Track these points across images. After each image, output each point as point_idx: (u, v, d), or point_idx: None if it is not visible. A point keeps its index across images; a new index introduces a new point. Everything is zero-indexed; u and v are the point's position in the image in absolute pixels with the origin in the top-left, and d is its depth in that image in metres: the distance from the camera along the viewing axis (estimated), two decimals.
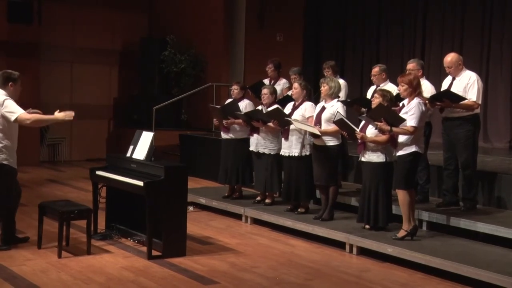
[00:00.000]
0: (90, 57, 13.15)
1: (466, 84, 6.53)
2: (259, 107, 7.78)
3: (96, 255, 5.93)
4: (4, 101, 5.84)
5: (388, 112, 6.10)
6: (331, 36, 13.00)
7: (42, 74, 12.46)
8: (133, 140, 6.50)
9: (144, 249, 5.94)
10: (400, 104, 6.27)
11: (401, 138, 6.05)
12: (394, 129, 6.00)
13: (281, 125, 7.26)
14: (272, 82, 8.59)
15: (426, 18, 11.39)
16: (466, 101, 6.45)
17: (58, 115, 5.98)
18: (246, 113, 7.70)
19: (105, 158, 7.41)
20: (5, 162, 5.88)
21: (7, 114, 5.82)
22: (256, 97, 8.30)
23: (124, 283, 5.15)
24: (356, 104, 7.35)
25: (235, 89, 8.10)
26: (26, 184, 9.70)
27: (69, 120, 6.02)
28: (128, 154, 6.44)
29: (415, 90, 6.06)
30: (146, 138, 6.37)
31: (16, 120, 5.83)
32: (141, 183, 5.82)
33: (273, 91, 7.71)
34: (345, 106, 7.15)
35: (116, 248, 6.19)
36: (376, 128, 6.15)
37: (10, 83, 5.98)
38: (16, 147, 6.05)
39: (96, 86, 13.30)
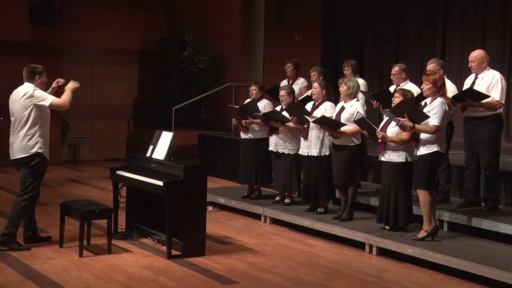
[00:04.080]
0: (110, 57, 13.25)
1: (490, 83, 6.44)
2: (278, 108, 7.76)
3: (117, 254, 5.97)
4: (34, 91, 6.02)
5: (412, 108, 6.03)
6: (350, 36, 12.94)
7: (63, 75, 12.49)
8: (153, 140, 6.53)
9: (164, 248, 5.96)
10: (422, 103, 6.21)
11: (423, 137, 6.00)
12: (416, 126, 5.92)
13: (301, 122, 7.21)
14: (291, 81, 8.58)
15: (447, 16, 11.27)
16: (489, 99, 6.37)
17: (70, 85, 6.27)
18: (264, 114, 7.69)
19: (125, 158, 7.45)
20: (40, 151, 6.02)
21: (41, 102, 6.00)
22: (275, 99, 8.28)
23: (144, 282, 5.18)
24: (377, 98, 7.20)
25: (253, 89, 8.09)
26: (48, 184, 9.80)
27: (78, 86, 6.31)
28: (148, 154, 6.47)
29: (439, 90, 6.00)
30: (165, 138, 6.40)
31: (51, 104, 6.03)
32: (160, 183, 5.84)
33: (290, 92, 7.69)
34: (365, 103, 7.10)
35: (136, 248, 6.22)
36: (398, 124, 6.09)
37: (36, 76, 6.14)
38: (49, 137, 6.19)
39: (116, 87, 13.41)
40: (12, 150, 6.08)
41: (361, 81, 7.76)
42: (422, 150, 6.02)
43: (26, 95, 5.99)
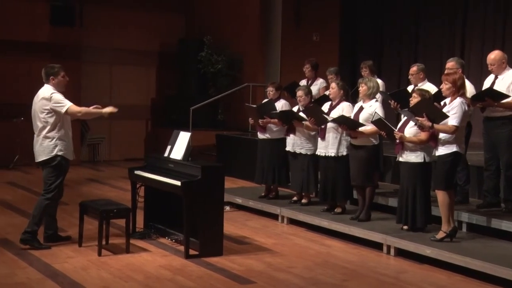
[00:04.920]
0: (129, 58, 13.33)
1: (510, 83, 6.38)
2: (295, 108, 7.75)
3: (135, 253, 6.00)
4: (51, 95, 6.01)
5: (431, 107, 5.98)
6: (368, 36, 12.87)
7: (83, 75, 12.69)
8: (171, 140, 6.55)
9: (182, 248, 5.99)
10: (442, 103, 6.16)
11: (442, 137, 5.95)
12: (435, 126, 5.88)
13: (318, 123, 7.20)
14: (309, 82, 8.57)
15: (466, 16, 11.15)
16: (509, 99, 6.30)
17: (105, 109, 6.15)
18: (282, 112, 7.69)
19: (143, 158, 7.49)
20: (60, 153, 6.04)
21: (57, 107, 5.98)
22: (292, 97, 8.27)
23: (162, 282, 5.20)
24: (395, 98, 7.17)
25: (270, 90, 8.08)
26: (67, 183, 9.84)
27: (113, 113, 6.15)
28: (166, 154, 6.50)
29: (458, 90, 5.96)
30: (183, 138, 6.42)
31: (66, 112, 5.99)
32: (178, 183, 5.86)
33: (308, 92, 7.67)
34: (383, 103, 7.07)
35: (154, 247, 6.25)
36: (416, 124, 6.05)
37: (51, 77, 6.12)
38: (71, 138, 6.19)
39: (134, 87, 13.49)
40: (34, 152, 6.12)
41: (379, 81, 7.72)
42: (441, 151, 5.98)
43: (44, 98, 6.02)
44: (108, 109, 6.14)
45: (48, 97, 6.00)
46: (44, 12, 12.08)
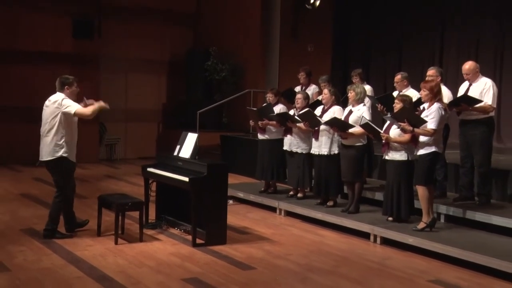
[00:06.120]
0: (142, 67, 13.32)
1: (482, 89, 6.40)
2: (292, 111, 7.77)
3: (148, 242, 6.01)
4: (62, 100, 6.00)
5: (411, 114, 6.02)
6: (358, 47, 12.87)
7: (101, 82, 12.69)
8: (180, 141, 6.56)
9: (189, 237, 5.99)
10: (421, 108, 6.18)
11: (422, 139, 5.97)
12: (416, 130, 5.91)
13: (312, 126, 7.22)
14: (304, 87, 8.58)
15: (444, 29, 11.19)
16: (482, 104, 6.32)
17: (102, 103, 6.14)
18: (279, 114, 7.71)
19: (155, 156, 7.49)
20: (65, 155, 6.00)
21: (67, 110, 5.96)
22: (288, 102, 8.29)
23: (171, 267, 5.21)
24: (381, 102, 7.19)
25: (270, 96, 8.10)
26: (87, 179, 9.91)
27: (106, 108, 6.17)
28: (175, 153, 6.50)
29: (435, 96, 5.98)
30: (191, 139, 6.43)
31: (75, 113, 5.96)
32: (186, 179, 5.86)
33: (306, 97, 7.71)
34: (371, 107, 7.08)
35: (165, 237, 6.26)
36: (399, 128, 6.07)
37: (66, 87, 6.10)
38: (76, 142, 6.15)
39: (147, 93, 13.47)
40: (41, 152, 6.07)
41: (368, 87, 7.75)
42: (421, 151, 6.00)
43: (55, 103, 5.99)
44: (102, 103, 6.12)
45: (60, 102, 5.97)
46: (67, 26, 12.08)
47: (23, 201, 8.11)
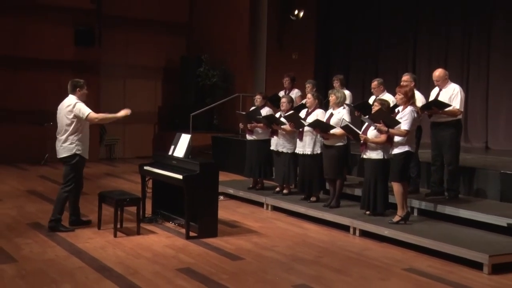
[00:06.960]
0: (140, 73, 13.29)
1: (451, 95, 6.46)
2: (277, 114, 7.78)
3: (144, 235, 6.00)
4: (75, 104, 6.02)
5: (386, 116, 6.06)
6: (339, 55, 12.93)
7: (101, 87, 12.63)
8: (174, 141, 6.55)
9: (183, 230, 5.99)
10: (396, 111, 6.23)
11: (396, 139, 6.02)
12: (390, 130, 5.96)
13: (297, 127, 7.25)
14: (287, 92, 8.60)
15: (416, 38, 11.32)
16: (450, 108, 6.39)
17: (120, 113, 6.11)
18: (265, 116, 7.73)
19: (152, 156, 7.47)
20: (78, 152, 6.04)
21: (79, 114, 6.00)
22: (274, 106, 8.31)
23: (167, 258, 5.21)
24: (358, 109, 7.28)
25: (258, 98, 8.12)
26: (88, 177, 9.83)
27: (127, 115, 6.08)
28: (170, 153, 6.49)
29: (409, 100, 6.03)
30: (184, 139, 6.42)
31: (87, 118, 6.01)
32: (180, 177, 5.86)
33: (290, 100, 7.74)
34: (349, 112, 7.12)
35: (160, 230, 6.25)
36: (375, 129, 6.12)
37: (77, 89, 6.13)
38: (88, 139, 6.18)
39: (144, 97, 13.43)
40: (57, 150, 6.11)
41: (347, 92, 7.78)
42: (396, 150, 6.04)
43: (69, 106, 6.01)
44: (123, 112, 6.11)
45: (73, 106, 6.01)
46: (69, 35, 12.03)
47: (29, 198, 8.06)
